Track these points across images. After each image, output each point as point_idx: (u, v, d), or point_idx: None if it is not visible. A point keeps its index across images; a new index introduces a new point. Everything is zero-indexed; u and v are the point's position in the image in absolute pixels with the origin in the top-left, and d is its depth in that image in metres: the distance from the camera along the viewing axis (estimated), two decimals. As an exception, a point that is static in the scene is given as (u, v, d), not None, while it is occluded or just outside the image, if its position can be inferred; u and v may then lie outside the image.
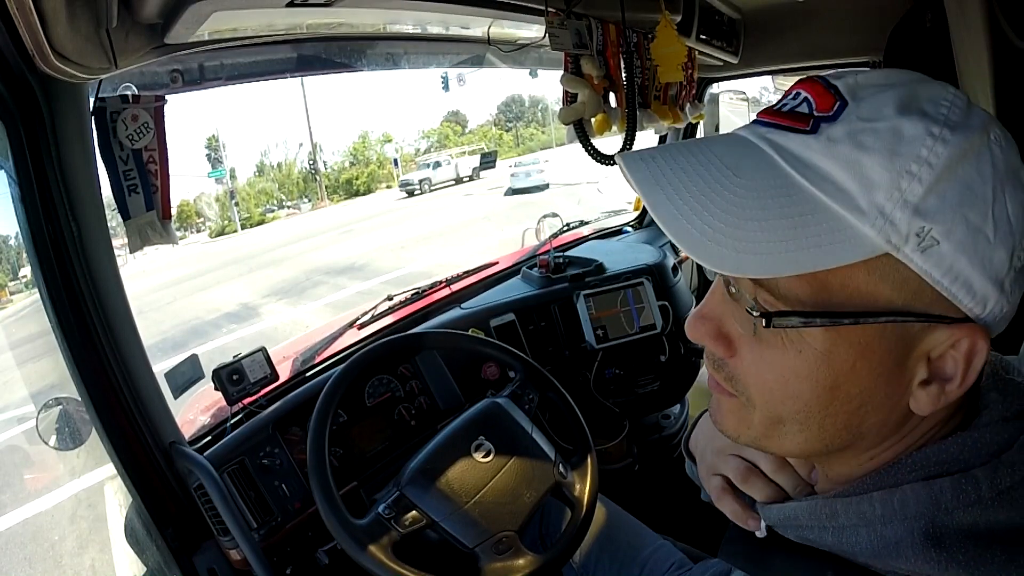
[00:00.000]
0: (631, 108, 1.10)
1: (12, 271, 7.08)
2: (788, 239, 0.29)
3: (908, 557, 0.32)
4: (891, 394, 0.33)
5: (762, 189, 0.31)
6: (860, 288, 0.30)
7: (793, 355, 0.33)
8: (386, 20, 1.02)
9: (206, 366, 1.00)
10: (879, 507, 0.33)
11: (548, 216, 1.75)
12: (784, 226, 0.30)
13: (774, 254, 0.29)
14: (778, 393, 0.34)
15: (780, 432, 0.36)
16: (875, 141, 0.29)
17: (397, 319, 1.39)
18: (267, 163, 26.78)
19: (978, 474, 0.32)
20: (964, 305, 0.30)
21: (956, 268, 0.29)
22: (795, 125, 0.32)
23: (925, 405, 0.32)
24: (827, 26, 1.42)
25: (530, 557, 0.78)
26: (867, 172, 0.29)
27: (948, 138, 0.29)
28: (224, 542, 0.89)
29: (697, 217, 0.30)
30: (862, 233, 0.29)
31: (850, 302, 0.30)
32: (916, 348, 0.32)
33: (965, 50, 0.98)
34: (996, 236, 0.29)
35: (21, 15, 0.54)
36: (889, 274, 0.30)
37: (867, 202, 0.29)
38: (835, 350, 0.32)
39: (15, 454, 2.68)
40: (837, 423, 0.34)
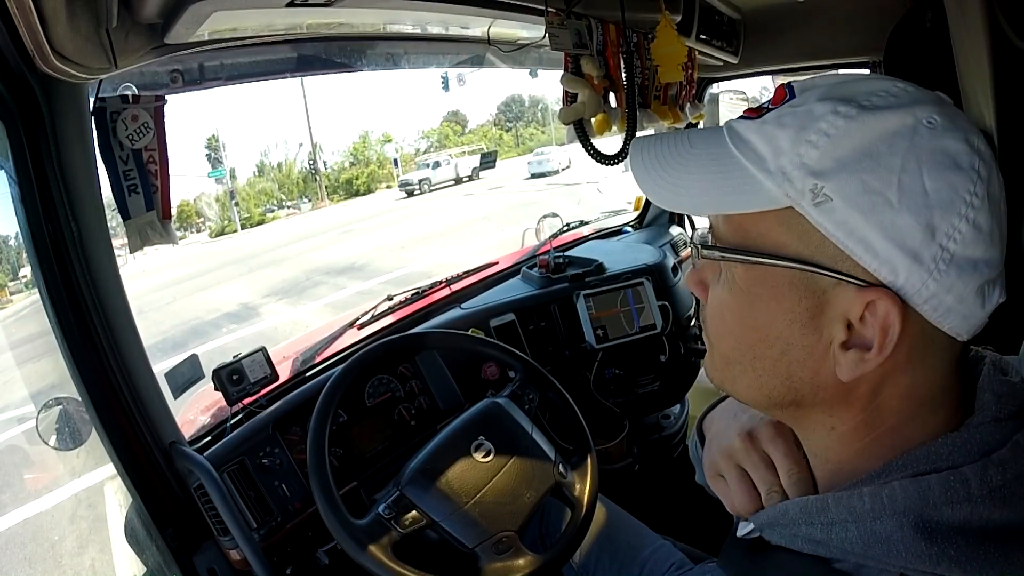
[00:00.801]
0: (631, 108, 1.10)
1: (12, 271, 7.08)
2: (712, 187, 0.38)
3: (899, 552, 0.32)
4: (811, 349, 0.36)
5: (705, 155, 0.39)
6: (772, 236, 0.36)
7: (727, 292, 0.39)
8: (386, 20, 1.02)
9: (206, 366, 1.00)
10: (868, 502, 0.34)
11: (548, 216, 1.75)
12: (712, 179, 0.38)
13: (700, 196, 0.38)
14: (719, 328, 0.41)
15: (732, 374, 0.42)
16: (791, 119, 0.35)
17: (397, 319, 1.39)
18: (267, 163, 26.84)
19: (967, 472, 0.32)
20: (868, 265, 0.33)
21: (850, 224, 0.32)
22: (752, 115, 0.38)
23: (845, 369, 0.35)
24: (827, 26, 1.42)
25: (530, 557, 0.78)
26: (778, 142, 0.35)
27: (853, 115, 0.33)
28: (224, 542, 0.89)
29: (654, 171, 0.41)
30: (768, 188, 0.35)
31: (762, 247, 0.36)
32: (829, 305, 0.35)
33: (965, 50, 0.98)
34: (901, 202, 0.31)
35: (21, 15, 0.54)
36: (794, 226, 0.35)
37: (775, 164, 0.35)
38: (753, 288, 0.37)
39: (15, 454, 2.68)
40: (766, 367, 0.38)
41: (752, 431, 0.48)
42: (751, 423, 0.49)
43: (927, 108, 0.33)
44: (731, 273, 0.39)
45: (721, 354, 0.42)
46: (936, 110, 0.33)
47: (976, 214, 0.31)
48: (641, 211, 2.06)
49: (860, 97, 0.34)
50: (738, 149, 0.37)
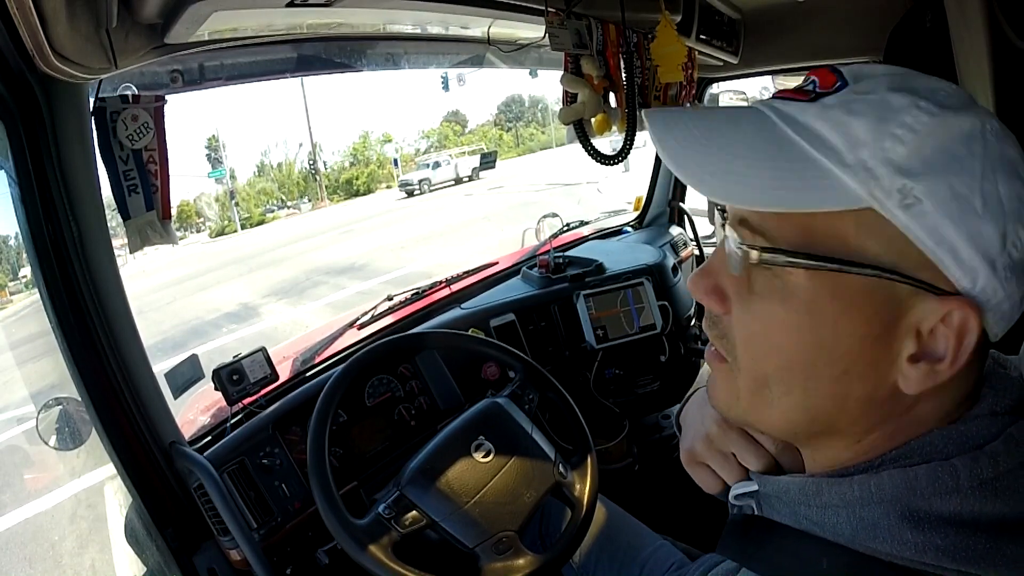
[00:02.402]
0: (631, 108, 1.10)
1: (12, 271, 7.08)
2: (776, 178, 0.32)
3: (885, 539, 0.32)
4: (877, 364, 0.33)
5: (756, 138, 0.34)
6: (847, 239, 0.32)
7: (779, 303, 0.34)
8: (386, 20, 1.02)
9: (206, 366, 1.00)
10: (857, 489, 0.34)
11: (548, 216, 1.75)
12: (771, 167, 0.32)
13: (762, 189, 0.32)
14: (762, 345, 0.35)
15: (766, 399, 0.36)
16: (864, 108, 0.31)
17: (397, 319, 1.39)
18: (267, 163, 26.84)
19: (957, 463, 0.32)
20: (952, 274, 0.31)
21: (940, 230, 0.30)
22: (798, 97, 0.35)
23: (914, 383, 0.32)
24: (827, 26, 1.42)
25: (530, 557, 0.78)
26: (854, 132, 0.31)
27: (934, 112, 0.31)
28: (224, 542, 0.89)
29: (696, 153, 0.34)
30: (846, 183, 0.31)
31: (836, 251, 0.32)
32: (904, 316, 0.32)
33: (965, 50, 0.98)
34: (984, 210, 0.30)
35: (21, 15, 0.54)
36: (875, 229, 0.31)
37: (853, 157, 0.31)
38: (819, 300, 0.33)
39: (15, 454, 2.68)
40: (820, 387, 0.34)
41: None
42: None
43: (985, 113, 0.32)
44: (784, 280, 0.33)
45: (755, 377, 0.36)
46: (991, 116, 0.32)
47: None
48: (641, 211, 2.06)
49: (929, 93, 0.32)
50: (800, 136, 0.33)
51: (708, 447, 0.50)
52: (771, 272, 0.34)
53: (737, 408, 0.39)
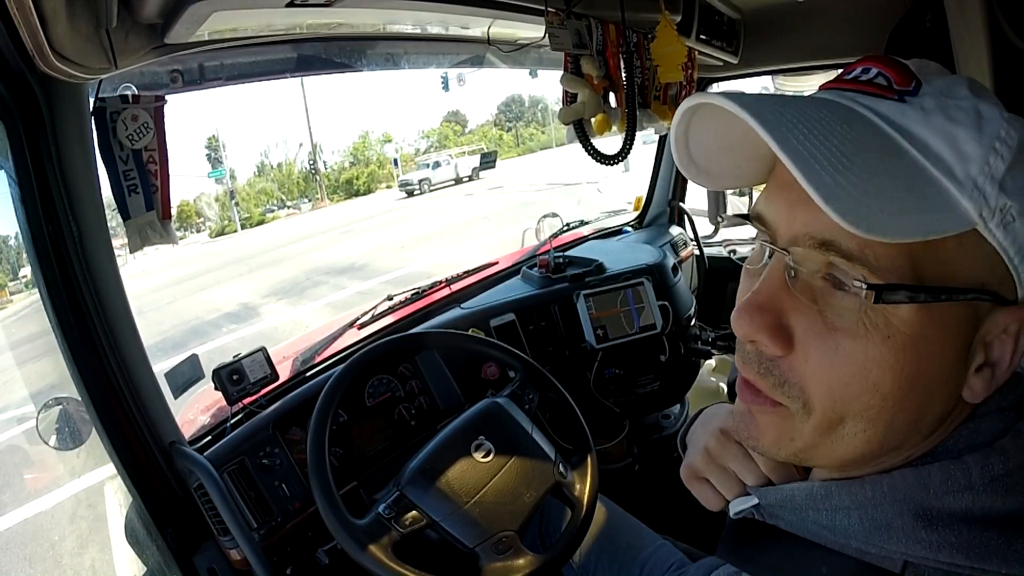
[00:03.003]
0: (631, 108, 1.10)
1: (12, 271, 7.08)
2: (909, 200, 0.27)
3: (899, 539, 0.32)
4: (955, 382, 0.32)
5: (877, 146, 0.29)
6: (952, 263, 0.29)
7: (879, 342, 0.29)
8: (386, 20, 1.02)
9: (206, 366, 1.00)
10: (869, 489, 0.34)
11: (548, 216, 1.75)
12: (904, 187, 0.28)
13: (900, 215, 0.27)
14: (854, 389, 0.30)
15: (834, 437, 0.32)
16: (963, 117, 0.29)
17: (397, 319, 1.39)
18: (267, 163, 26.85)
19: (968, 461, 0.32)
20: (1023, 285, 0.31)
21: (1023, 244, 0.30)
22: (882, 93, 0.31)
23: (979, 391, 0.32)
24: (827, 26, 1.42)
25: (530, 557, 0.78)
26: (961, 144, 0.29)
27: (1015, 123, 0.30)
28: (224, 542, 0.89)
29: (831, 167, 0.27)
30: (959, 203, 0.28)
31: (945, 278, 0.29)
32: (980, 330, 0.31)
33: (965, 50, 0.98)
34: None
35: (21, 15, 0.54)
36: (976, 249, 0.29)
37: (963, 173, 0.29)
38: (925, 332, 0.29)
39: (15, 454, 2.68)
40: (906, 417, 0.31)
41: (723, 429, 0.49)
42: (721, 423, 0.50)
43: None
44: (886, 316, 0.29)
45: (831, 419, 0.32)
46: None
47: None
48: (641, 211, 2.06)
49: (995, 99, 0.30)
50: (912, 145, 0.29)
51: (707, 462, 0.49)
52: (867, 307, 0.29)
53: (790, 448, 0.35)
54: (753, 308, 0.32)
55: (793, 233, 0.31)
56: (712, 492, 0.48)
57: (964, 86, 0.31)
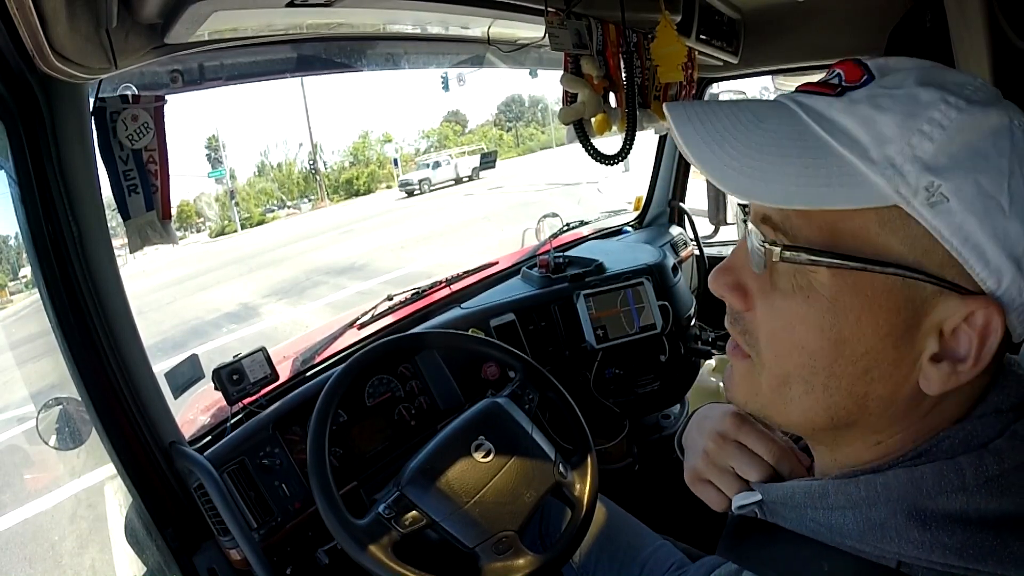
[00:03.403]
0: (631, 108, 1.10)
1: (12, 271, 7.09)
2: (800, 175, 0.31)
3: (893, 539, 0.32)
4: (899, 363, 0.33)
5: (781, 134, 0.33)
6: (871, 238, 0.31)
7: (801, 300, 0.34)
8: (386, 20, 1.02)
9: (206, 366, 1.00)
10: (864, 489, 0.34)
11: (548, 216, 1.75)
12: (798, 164, 0.32)
13: (786, 186, 0.31)
14: (785, 343, 0.35)
15: (786, 395, 0.36)
16: (892, 103, 0.31)
17: (397, 319, 1.39)
18: (267, 163, 26.84)
19: (962, 461, 0.32)
20: (977, 274, 0.30)
21: (966, 229, 0.30)
22: (823, 90, 0.34)
23: (935, 383, 0.32)
24: (827, 26, 1.42)
25: (530, 557, 0.78)
26: (880, 128, 0.31)
27: (963, 107, 0.30)
28: (224, 542, 0.89)
29: (719, 148, 0.33)
30: (872, 181, 0.30)
31: (859, 250, 0.31)
32: (927, 315, 0.32)
33: (965, 50, 0.98)
34: (1011, 208, 0.29)
35: (21, 15, 0.54)
36: (899, 228, 0.31)
37: (879, 154, 0.30)
38: (841, 297, 0.32)
39: (15, 454, 2.68)
40: (842, 386, 0.34)
41: (719, 431, 0.50)
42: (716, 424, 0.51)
43: (1011, 108, 0.32)
44: (808, 278, 0.33)
45: (778, 373, 0.36)
46: (1018, 111, 0.32)
47: None
48: (641, 211, 2.06)
49: (956, 88, 0.31)
50: (826, 131, 0.32)
51: (708, 464, 0.50)
52: (794, 270, 0.34)
53: (756, 403, 0.39)
54: (721, 269, 0.39)
55: (753, 211, 0.37)
56: (716, 493, 0.50)
57: (913, 77, 0.32)
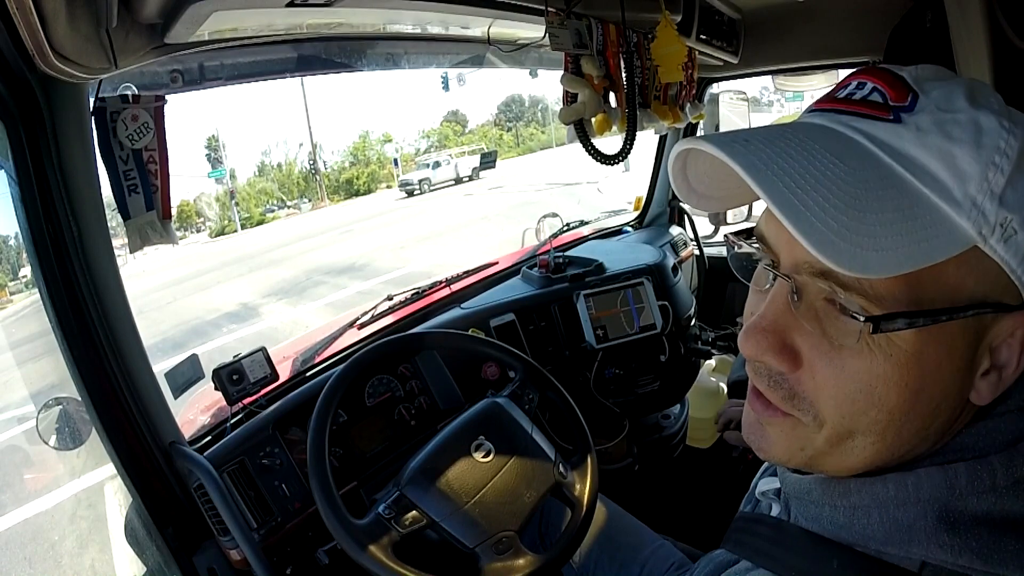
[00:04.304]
0: (631, 108, 1.10)
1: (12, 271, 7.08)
2: (903, 233, 0.28)
3: (921, 542, 0.32)
4: (962, 390, 0.32)
5: (871, 180, 0.29)
6: (949, 281, 0.30)
7: (882, 361, 0.31)
8: (386, 20, 1.02)
9: (206, 366, 1.00)
10: (892, 488, 0.33)
11: (548, 216, 1.75)
12: (897, 219, 0.28)
13: (892, 250, 0.27)
14: (861, 404, 0.32)
15: (846, 448, 0.34)
16: (961, 132, 0.29)
17: (397, 319, 1.39)
18: (267, 163, 26.84)
19: (994, 461, 0.31)
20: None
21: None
22: (876, 113, 0.31)
23: (986, 394, 0.32)
24: (827, 26, 1.42)
25: (530, 557, 0.78)
26: (959, 163, 0.29)
27: (1015, 131, 0.29)
28: (224, 542, 0.89)
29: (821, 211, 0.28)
30: (958, 224, 0.29)
31: (941, 298, 0.30)
32: (985, 338, 0.32)
33: (965, 50, 0.98)
34: None
35: (21, 15, 0.54)
36: (975, 266, 0.30)
37: (962, 193, 0.29)
38: (926, 350, 0.30)
39: (15, 454, 2.68)
40: (913, 428, 0.32)
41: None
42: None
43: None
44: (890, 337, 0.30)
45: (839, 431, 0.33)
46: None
47: None
48: (641, 211, 2.06)
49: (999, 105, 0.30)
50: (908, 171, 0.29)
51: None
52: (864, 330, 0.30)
53: (802, 457, 0.36)
54: (759, 330, 0.34)
55: (795, 260, 0.33)
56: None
57: (962, 95, 0.30)
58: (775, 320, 0.34)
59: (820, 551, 0.36)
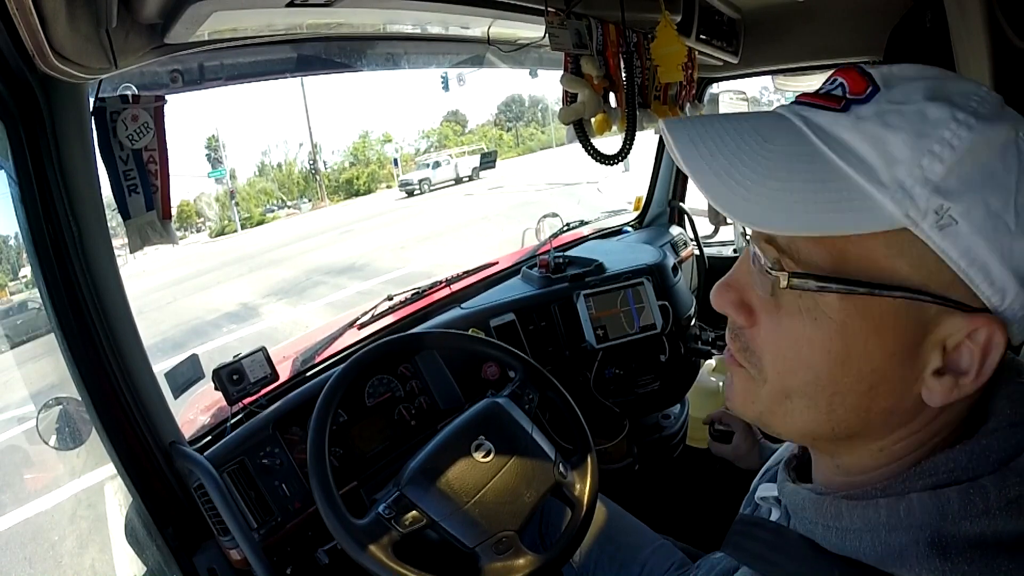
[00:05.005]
0: (631, 108, 1.10)
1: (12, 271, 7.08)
2: (809, 201, 0.31)
3: (912, 566, 0.32)
4: (903, 379, 0.33)
5: (788, 154, 0.32)
6: (878, 261, 0.31)
7: (808, 322, 0.34)
8: (386, 20, 1.02)
9: (206, 366, 1.00)
10: (884, 514, 0.33)
11: (548, 216, 1.75)
12: (806, 188, 0.31)
13: (795, 213, 0.31)
14: (791, 362, 0.35)
15: (787, 408, 0.36)
16: (901, 121, 0.30)
17: (397, 319, 1.39)
18: (267, 163, 26.85)
19: (986, 483, 0.31)
20: (982, 293, 0.30)
21: (974, 251, 0.29)
22: (827, 104, 0.33)
23: (938, 396, 0.32)
24: (827, 26, 1.42)
25: (530, 557, 0.78)
26: (890, 148, 0.30)
27: (972, 124, 0.29)
28: (224, 542, 0.89)
29: (726, 174, 0.32)
30: (881, 204, 0.30)
31: (866, 273, 0.31)
32: (932, 333, 0.32)
33: (965, 50, 0.98)
34: (1017, 225, 0.29)
35: (21, 15, 0.54)
36: (907, 250, 0.30)
37: (888, 176, 0.30)
38: (849, 321, 0.32)
39: (15, 454, 2.68)
40: (846, 403, 0.34)
41: None
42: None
43: (1015, 118, 0.31)
44: (815, 300, 0.33)
45: (780, 388, 0.36)
46: (1020, 120, 0.31)
47: None
48: (641, 211, 2.06)
49: (963, 101, 0.30)
50: (834, 151, 0.32)
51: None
52: (801, 292, 0.33)
53: (754, 410, 0.39)
54: (724, 285, 0.39)
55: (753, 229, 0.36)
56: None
57: (921, 90, 0.31)
58: (738, 278, 0.38)
59: (821, 561, 0.36)
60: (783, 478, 0.44)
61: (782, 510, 0.43)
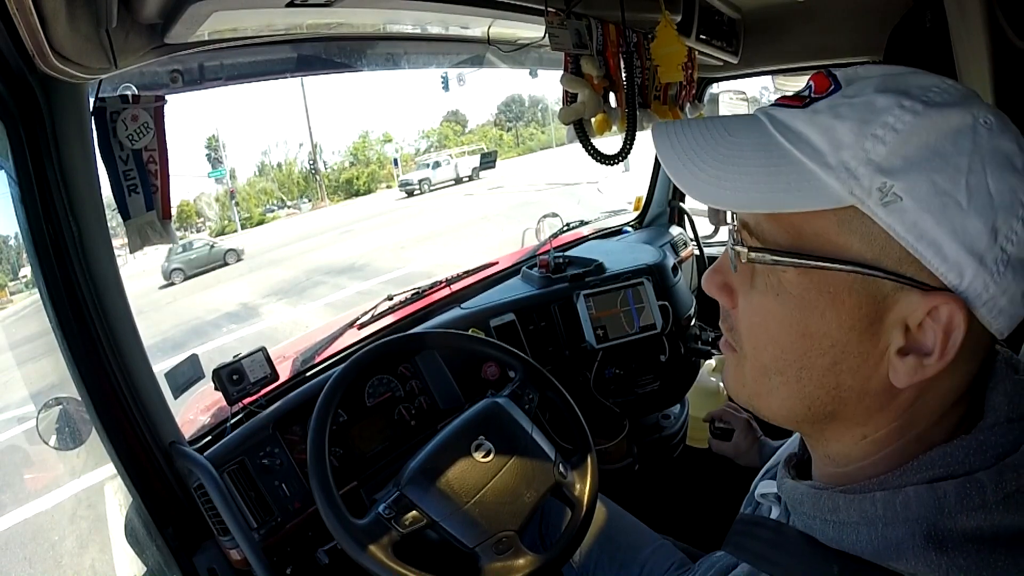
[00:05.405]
0: (631, 108, 1.10)
1: (12, 271, 7.08)
2: (762, 182, 0.34)
3: (908, 559, 0.32)
4: (866, 356, 0.34)
5: (746, 145, 0.36)
6: (831, 238, 0.33)
7: (772, 298, 0.37)
8: (386, 20, 1.02)
9: (206, 366, 1.00)
10: (881, 507, 0.34)
11: (548, 216, 1.75)
12: (761, 172, 0.34)
13: (749, 192, 0.34)
14: (761, 337, 0.38)
15: (768, 387, 0.39)
16: (849, 111, 0.33)
17: (397, 319, 1.39)
18: (267, 163, 26.83)
19: (983, 478, 0.32)
20: (936, 269, 0.31)
21: (921, 226, 0.31)
22: (792, 103, 0.36)
23: (903, 376, 0.33)
24: (827, 26, 1.42)
25: (530, 557, 0.78)
26: (838, 135, 0.33)
27: (919, 111, 0.31)
28: (224, 542, 0.89)
29: (691, 162, 0.37)
30: (828, 184, 0.32)
31: (821, 249, 0.34)
32: (890, 310, 0.33)
33: (965, 50, 0.98)
34: (970, 204, 0.30)
35: (21, 15, 0.54)
36: (857, 227, 0.32)
37: (835, 159, 0.32)
38: (807, 295, 0.35)
39: (15, 454, 2.68)
40: (813, 377, 0.36)
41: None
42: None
43: (981, 107, 0.32)
44: (778, 277, 0.36)
45: (758, 365, 0.39)
46: (988, 110, 0.32)
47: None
48: (641, 211, 2.06)
49: (918, 92, 0.32)
50: (788, 140, 0.35)
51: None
52: (767, 270, 0.36)
53: (743, 392, 0.42)
54: (712, 270, 0.42)
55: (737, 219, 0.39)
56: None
57: (872, 85, 0.33)
58: (723, 263, 0.41)
59: (820, 556, 0.36)
60: (783, 475, 0.44)
61: (782, 507, 0.44)
